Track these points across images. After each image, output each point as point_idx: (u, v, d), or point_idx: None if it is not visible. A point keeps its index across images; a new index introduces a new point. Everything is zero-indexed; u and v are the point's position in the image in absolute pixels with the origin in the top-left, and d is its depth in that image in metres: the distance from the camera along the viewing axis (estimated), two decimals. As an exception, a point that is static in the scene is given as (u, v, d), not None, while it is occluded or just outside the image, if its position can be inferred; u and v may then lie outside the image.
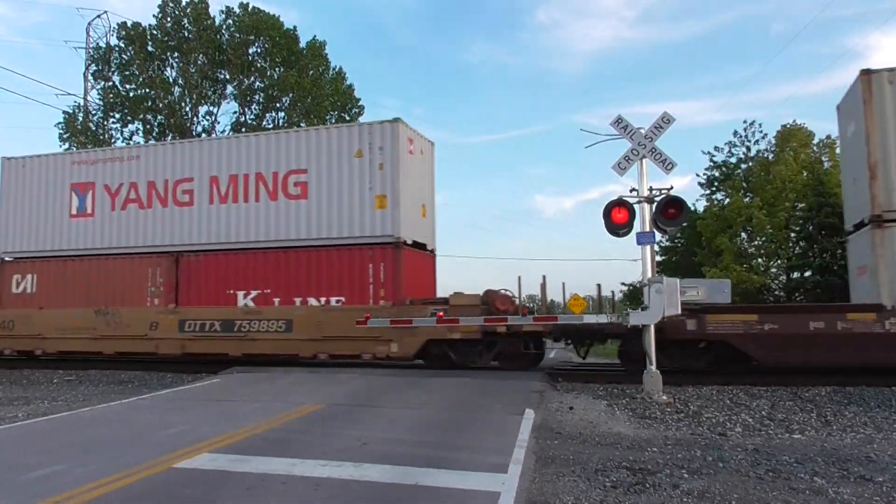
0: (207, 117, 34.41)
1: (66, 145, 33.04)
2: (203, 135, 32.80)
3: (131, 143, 32.68)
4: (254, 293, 16.46)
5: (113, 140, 33.47)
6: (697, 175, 32.05)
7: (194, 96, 33.15)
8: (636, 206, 11.53)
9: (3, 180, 19.03)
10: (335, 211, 16.02)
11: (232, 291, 16.63)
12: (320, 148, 16.36)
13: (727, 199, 29.11)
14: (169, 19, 32.66)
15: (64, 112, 33.71)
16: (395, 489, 5.67)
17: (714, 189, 31.22)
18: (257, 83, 33.96)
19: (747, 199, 27.38)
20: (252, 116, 34.44)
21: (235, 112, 34.52)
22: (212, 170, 17.13)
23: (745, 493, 5.76)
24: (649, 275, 11.33)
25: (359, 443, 7.42)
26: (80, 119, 33.89)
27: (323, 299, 15.93)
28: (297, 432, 8.11)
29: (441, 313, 13.38)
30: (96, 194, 18.12)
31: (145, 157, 17.84)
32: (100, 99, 34.49)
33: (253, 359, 15.90)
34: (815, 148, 30.56)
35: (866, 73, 13.18)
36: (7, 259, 18.66)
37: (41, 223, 18.54)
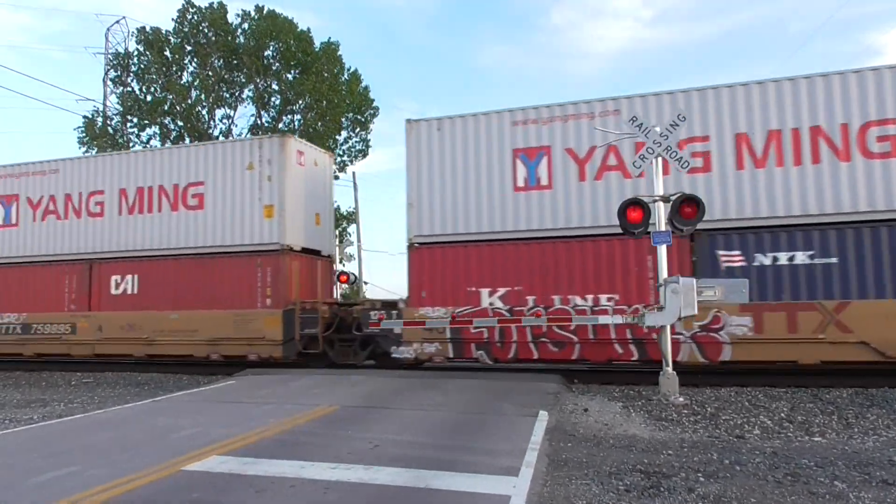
0: (224, 121, 34.64)
1: (85, 149, 33.41)
2: (220, 137, 32.95)
3: (149, 146, 32.99)
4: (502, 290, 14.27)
5: (131, 144, 33.78)
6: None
7: (211, 100, 33.37)
8: (651, 205, 11.37)
9: (409, 148, 15.52)
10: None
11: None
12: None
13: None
14: (187, 24, 32.93)
15: (84, 117, 34.10)
16: (405, 492, 5.61)
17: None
18: (273, 86, 34.14)
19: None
20: (269, 119, 34.63)
21: (253, 115, 34.76)
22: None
23: (762, 498, 5.63)
24: (665, 275, 11.17)
25: (370, 445, 7.37)
26: (100, 124, 34.25)
27: (591, 297, 13.51)
28: (309, 434, 8.07)
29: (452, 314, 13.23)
30: (553, 162, 14.37)
31: (632, 110, 13.64)
32: (118, 103, 34.86)
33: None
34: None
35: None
36: (419, 244, 15.12)
37: (469, 199, 14.92)
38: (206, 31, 32.93)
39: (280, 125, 34.22)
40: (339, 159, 34.07)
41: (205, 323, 16.17)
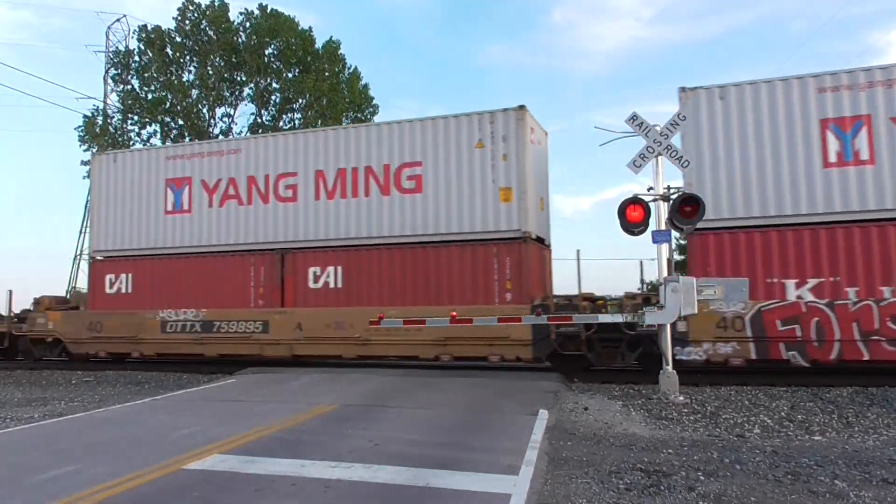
0: (224, 119, 34.60)
1: (86, 147, 33.38)
2: (220, 136, 32.92)
3: (149, 144, 32.99)
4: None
5: (132, 143, 33.75)
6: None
7: (211, 98, 33.33)
8: (652, 205, 11.37)
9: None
10: None
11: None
12: None
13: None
14: (188, 22, 32.91)
15: (84, 116, 34.05)
16: (405, 491, 5.62)
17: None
18: (273, 84, 34.11)
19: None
20: (269, 118, 34.60)
21: (252, 114, 34.73)
22: None
23: (762, 497, 5.62)
24: (665, 274, 11.17)
25: (370, 443, 7.37)
26: (100, 122, 34.19)
27: None
28: (309, 433, 8.08)
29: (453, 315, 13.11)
30: (875, 133, 12.36)
31: None
32: (119, 102, 34.82)
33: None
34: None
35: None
36: (699, 229, 12.53)
37: (765, 178, 12.77)
38: (207, 29, 32.91)
39: (280, 123, 34.21)
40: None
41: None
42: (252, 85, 33.89)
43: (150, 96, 33.51)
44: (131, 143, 33.67)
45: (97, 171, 18.31)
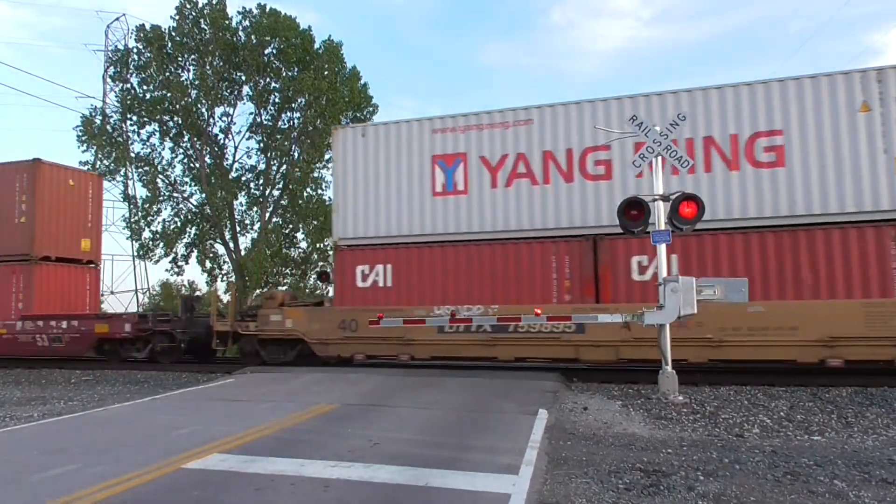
0: (224, 118, 34.57)
1: (84, 147, 33.37)
2: (219, 136, 32.91)
3: (148, 144, 33.12)
4: None
5: (131, 142, 33.75)
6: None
7: (210, 98, 33.30)
8: (651, 204, 11.37)
9: None
10: None
11: None
12: None
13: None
14: (187, 21, 32.87)
15: (82, 116, 34.03)
16: (404, 490, 5.62)
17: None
18: (273, 84, 34.08)
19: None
20: (268, 117, 34.58)
21: (252, 113, 34.71)
22: None
23: (762, 497, 5.63)
24: (665, 273, 11.17)
25: (370, 443, 7.37)
26: (99, 122, 34.17)
27: None
28: (309, 432, 8.08)
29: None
30: None
31: None
32: (117, 101, 34.78)
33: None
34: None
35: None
36: None
37: None
38: (205, 28, 32.87)
39: (280, 123, 34.20)
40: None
41: (812, 317, 11.90)
42: (251, 84, 33.87)
43: (149, 95, 33.49)
44: (130, 142, 33.69)
45: (340, 148, 16.08)
